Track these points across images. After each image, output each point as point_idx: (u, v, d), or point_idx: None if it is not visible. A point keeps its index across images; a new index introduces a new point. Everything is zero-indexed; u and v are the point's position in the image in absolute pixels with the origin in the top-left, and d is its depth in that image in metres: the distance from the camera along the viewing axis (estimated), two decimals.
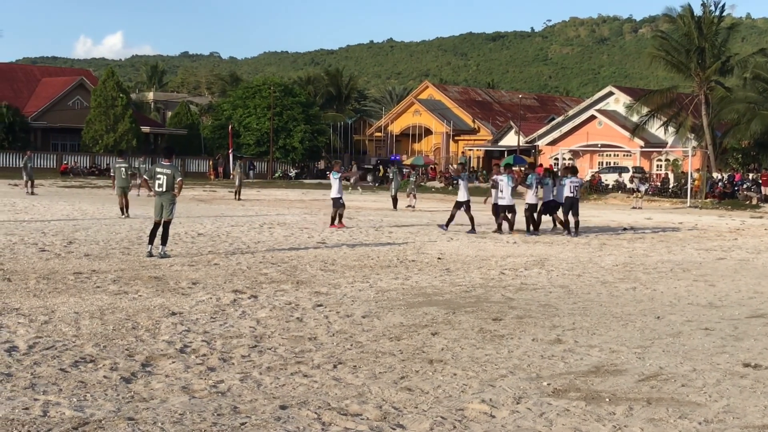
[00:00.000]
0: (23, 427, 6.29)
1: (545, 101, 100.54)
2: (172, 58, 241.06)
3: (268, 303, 11.96)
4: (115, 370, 8.04)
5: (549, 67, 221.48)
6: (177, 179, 16.90)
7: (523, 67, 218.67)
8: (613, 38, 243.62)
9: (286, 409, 6.98)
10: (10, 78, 77.50)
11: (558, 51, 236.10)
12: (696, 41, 56.21)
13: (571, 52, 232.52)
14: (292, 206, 36.29)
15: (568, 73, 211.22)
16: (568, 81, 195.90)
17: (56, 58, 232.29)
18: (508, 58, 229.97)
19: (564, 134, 72.47)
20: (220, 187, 54.50)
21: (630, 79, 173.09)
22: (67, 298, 11.81)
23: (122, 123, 70.40)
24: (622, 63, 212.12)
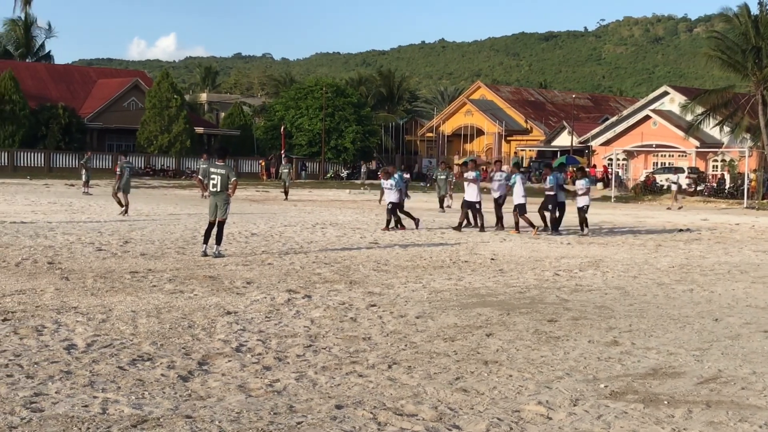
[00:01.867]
0: (83, 425, 6.36)
1: (599, 101, 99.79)
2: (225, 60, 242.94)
3: (322, 303, 11.98)
4: (172, 368, 8.11)
5: (602, 67, 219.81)
6: (231, 179, 17.00)
7: (576, 67, 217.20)
8: (668, 37, 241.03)
9: (341, 409, 6.98)
10: (67, 79, 78.60)
11: (612, 50, 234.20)
12: (753, 40, 55.32)
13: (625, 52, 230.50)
14: (344, 207, 36.37)
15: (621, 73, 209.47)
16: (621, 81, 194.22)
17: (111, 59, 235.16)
18: (561, 57, 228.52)
19: (618, 134, 71.84)
20: (272, 187, 54.75)
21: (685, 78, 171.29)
22: (124, 296, 11.93)
23: (176, 124, 71.09)
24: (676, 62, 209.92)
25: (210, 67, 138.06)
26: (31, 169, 64.89)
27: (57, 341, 9.04)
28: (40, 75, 77.47)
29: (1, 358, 8.20)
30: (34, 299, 11.47)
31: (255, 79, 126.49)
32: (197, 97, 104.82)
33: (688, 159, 66.67)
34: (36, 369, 7.89)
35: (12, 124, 66.70)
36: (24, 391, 7.14)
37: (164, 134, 70.99)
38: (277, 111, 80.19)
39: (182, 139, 71.23)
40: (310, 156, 77.41)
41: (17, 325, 9.77)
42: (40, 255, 16.09)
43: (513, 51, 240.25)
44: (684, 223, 30.53)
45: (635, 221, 31.22)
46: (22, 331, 9.43)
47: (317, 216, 29.39)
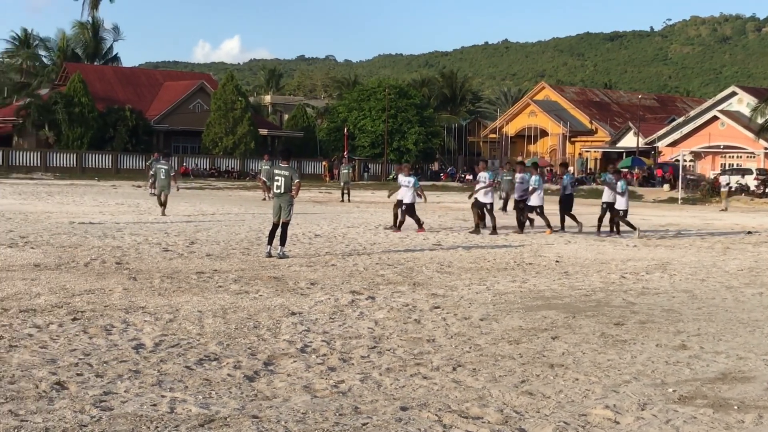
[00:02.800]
0: (151, 423, 6.44)
1: (665, 102, 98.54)
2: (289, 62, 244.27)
3: (386, 304, 11.99)
4: (238, 368, 8.17)
5: (669, 67, 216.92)
6: (294, 181, 17.09)
7: (642, 67, 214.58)
8: (736, 37, 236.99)
9: (406, 411, 6.98)
10: (134, 82, 79.74)
11: (678, 50, 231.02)
12: None
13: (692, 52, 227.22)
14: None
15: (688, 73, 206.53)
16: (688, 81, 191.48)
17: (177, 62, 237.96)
18: (626, 58, 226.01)
19: (685, 135, 70.88)
20: (335, 188, 54.93)
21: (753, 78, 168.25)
22: (190, 297, 12.06)
23: (241, 126, 71.73)
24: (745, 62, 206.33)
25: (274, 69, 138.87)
26: (99, 170, 65.95)
27: (125, 341, 9.17)
28: (108, 78, 78.69)
29: (72, 357, 8.34)
30: (103, 299, 11.65)
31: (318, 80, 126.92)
32: (261, 99, 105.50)
33: (757, 160, 65.50)
34: (105, 368, 8.01)
35: (81, 126, 67.83)
36: (94, 390, 7.25)
37: (229, 136, 71.65)
38: (340, 113, 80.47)
39: (246, 141, 71.83)
40: (372, 157, 77.57)
41: (87, 324, 9.93)
42: (109, 255, 16.34)
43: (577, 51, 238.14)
44: (753, 225, 30.00)
45: (702, 223, 30.76)
46: (91, 331, 9.58)
47: (380, 217, 29.42)
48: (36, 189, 42.93)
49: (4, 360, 8.14)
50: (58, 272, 13.95)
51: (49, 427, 6.26)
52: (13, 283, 12.67)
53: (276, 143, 77.06)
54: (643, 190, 59.28)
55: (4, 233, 19.63)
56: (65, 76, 76.18)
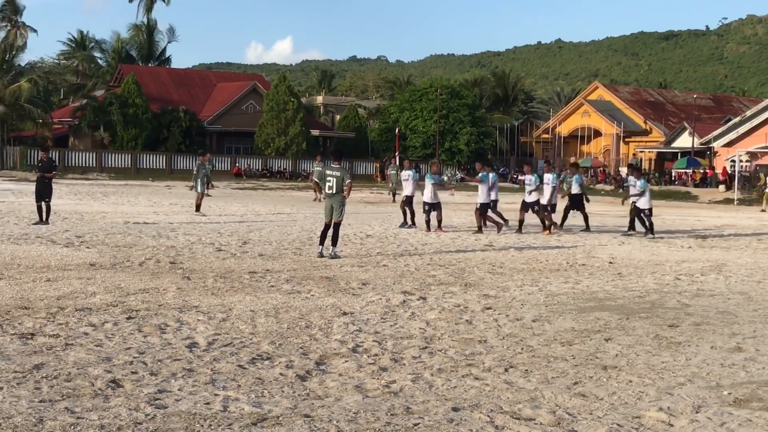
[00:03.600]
0: (205, 421, 6.50)
1: (721, 101, 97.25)
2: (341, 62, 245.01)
3: (437, 305, 11.98)
4: (290, 367, 8.21)
5: (725, 67, 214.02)
6: (346, 181, 17.13)
7: (698, 67, 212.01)
8: None
9: (458, 411, 6.97)
10: (188, 83, 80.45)
11: (734, 50, 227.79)
12: None
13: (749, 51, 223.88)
14: (458, 209, 36.27)
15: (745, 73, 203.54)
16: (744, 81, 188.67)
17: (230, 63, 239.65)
18: (681, 57, 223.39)
19: (741, 135, 69.80)
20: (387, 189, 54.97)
21: None
22: (243, 296, 12.14)
23: (293, 126, 72.05)
24: None
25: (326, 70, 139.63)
26: (153, 171, 66.63)
27: (179, 339, 9.26)
28: (162, 79, 79.49)
29: (126, 355, 8.44)
30: (157, 298, 11.77)
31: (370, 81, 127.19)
32: (313, 99, 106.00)
33: None
34: (159, 366, 8.09)
35: (135, 127, 68.59)
36: (148, 388, 7.33)
37: (281, 136, 72.02)
38: (392, 113, 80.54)
39: (298, 142, 72.16)
40: (424, 158, 77.52)
41: (141, 323, 10.05)
42: (163, 255, 16.50)
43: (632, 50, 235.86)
44: None
45: (759, 224, 30.33)
46: (146, 329, 9.69)
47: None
48: (91, 189, 43.50)
49: (61, 358, 8.26)
50: (114, 271, 14.13)
51: (105, 425, 6.34)
52: (70, 282, 12.86)
53: (328, 144, 77.31)
54: (698, 191, 58.63)
55: (60, 233, 19.91)
56: (120, 77, 77.10)
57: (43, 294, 11.75)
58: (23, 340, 8.95)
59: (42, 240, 18.31)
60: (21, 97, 66.05)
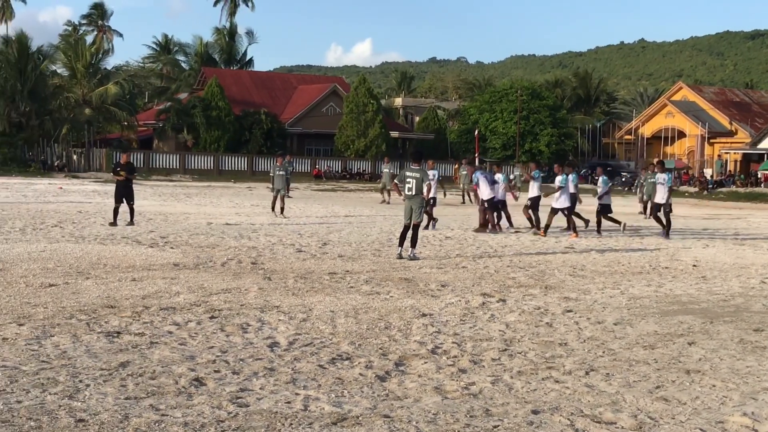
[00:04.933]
0: (286, 420, 6.57)
1: None
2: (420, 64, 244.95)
3: (517, 307, 11.93)
4: (370, 368, 8.26)
5: None
6: (425, 182, 17.15)
7: None
8: None
9: (538, 414, 6.93)
10: (269, 86, 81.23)
11: None
12: None
13: None
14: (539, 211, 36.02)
15: None
16: None
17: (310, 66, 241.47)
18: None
19: None
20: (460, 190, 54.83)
21: None
22: (323, 297, 12.24)
23: (372, 128, 72.28)
24: None
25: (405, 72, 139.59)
26: (235, 172, 67.41)
27: (261, 339, 9.37)
28: (244, 82, 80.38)
29: (210, 354, 8.58)
30: (239, 298, 11.93)
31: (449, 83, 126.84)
32: (392, 101, 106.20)
33: None
34: (241, 365, 8.20)
35: (217, 130, 69.49)
36: (230, 387, 7.44)
37: (360, 138, 72.30)
38: (471, 114, 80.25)
39: (378, 143, 72.35)
40: (504, 159, 77.09)
41: (224, 322, 10.19)
42: (244, 255, 16.71)
43: (717, 50, 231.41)
44: None
45: None
46: (228, 329, 9.83)
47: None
48: (175, 191, 44.21)
49: (146, 356, 8.43)
50: (197, 272, 14.35)
51: (188, 422, 6.45)
52: (154, 281, 13.10)
53: (407, 145, 77.38)
54: None
55: (145, 233, 20.29)
56: (203, 80, 78.20)
57: (129, 293, 11.99)
58: (109, 338, 9.15)
59: (127, 240, 18.68)
60: (107, 100, 67.46)
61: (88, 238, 18.93)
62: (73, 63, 69.85)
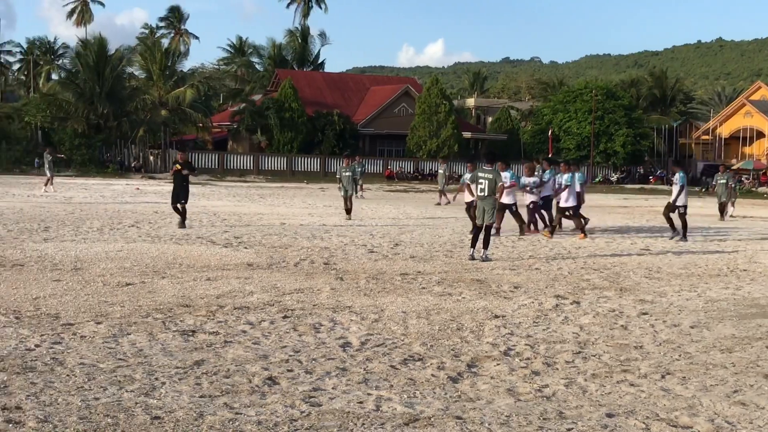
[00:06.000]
0: (358, 420, 6.59)
1: None
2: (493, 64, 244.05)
3: (591, 309, 11.80)
4: (442, 369, 8.24)
5: None
6: (498, 183, 17.06)
7: None
8: None
9: (612, 417, 6.85)
10: (342, 87, 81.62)
11: None
12: None
13: None
14: (613, 212, 35.66)
15: None
16: None
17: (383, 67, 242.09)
18: None
19: None
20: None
21: None
22: (394, 297, 12.25)
23: (445, 129, 72.18)
24: None
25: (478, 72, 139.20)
26: (308, 173, 67.87)
27: (333, 339, 9.41)
28: (317, 83, 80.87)
29: (283, 354, 8.64)
30: (312, 298, 12.00)
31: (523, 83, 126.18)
32: (465, 102, 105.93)
33: None
34: (314, 365, 8.24)
35: (291, 131, 70.03)
36: (303, 386, 7.48)
37: (433, 139, 72.23)
38: (545, 115, 79.71)
39: (450, 144, 72.21)
40: (578, 160, 76.40)
41: (296, 322, 10.26)
42: (317, 256, 16.80)
43: None
44: None
45: None
46: (301, 328, 9.89)
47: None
48: (249, 191, 44.66)
49: (220, 355, 8.52)
50: (270, 271, 14.47)
51: (262, 421, 6.50)
52: (228, 281, 13.24)
53: (479, 146, 77.12)
54: None
55: (219, 233, 20.52)
56: (277, 82, 78.86)
57: (204, 292, 12.13)
58: (185, 336, 9.27)
59: (202, 240, 18.91)
60: (183, 102, 68.44)
61: (164, 237, 19.21)
62: (150, 65, 71.03)
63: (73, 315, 10.21)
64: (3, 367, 7.74)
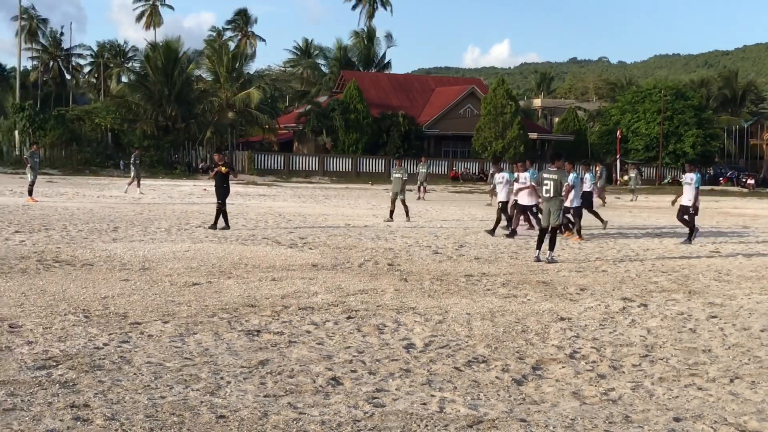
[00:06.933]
0: (421, 422, 6.57)
1: None
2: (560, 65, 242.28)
3: (659, 312, 11.64)
4: (506, 371, 8.18)
5: None
6: (564, 184, 16.92)
7: None
8: None
9: (679, 422, 6.74)
10: (407, 88, 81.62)
11: None
12: None
13: None
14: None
15: None
16: None
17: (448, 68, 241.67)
18: None
19: None
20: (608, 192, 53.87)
21: None
22: (459, 299, 12.20)
23: (510, 130, 71.80)
24: None
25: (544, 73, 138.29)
26: (372, 174, 67.97)
27: (397, 340, 9.40)
28: (382, 84, 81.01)
29: (346, 354, 8.65)
30: (376, 299, 12.01)
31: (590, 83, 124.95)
32: (531, 102, 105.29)
33: None
34: (377, 366, 8.24)
35: (356, 132, 70.24)
36: (366, 387, 7.49)
37: (498, 140, 71.89)
38: (613, 115, 78.91)
39: (516, 145, 71.79)
40: (646, 161, 75.51)
41: (360, 323, 10.27)
42: (381, 257, 16.81)
43: None
44: None
45: None
46: (364, 329, 9.90)
47: (653, 222, 28.58)
48: (314, 192, 44.89)
49: (284, 355, 8.56)
50: (334, 272, 14.52)
51: (326, 421, 6.52)
52: (293, 281, 13.31)
53: (546, 147, 76.58)
54: None
55: (285, 234, 20.65)
56: (342, 83, 79.14)
57: (269, 293, 12.21)
58: (250, 336, 9.33)
59: (268, 241, 19.04)
60: (250, 104, 69.06)
61: (230, 238, 19.38)
62: (217, 68, 71.83)
63: (140, 314, 10.35)
64: (72, 365, 7.87)
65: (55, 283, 12.42)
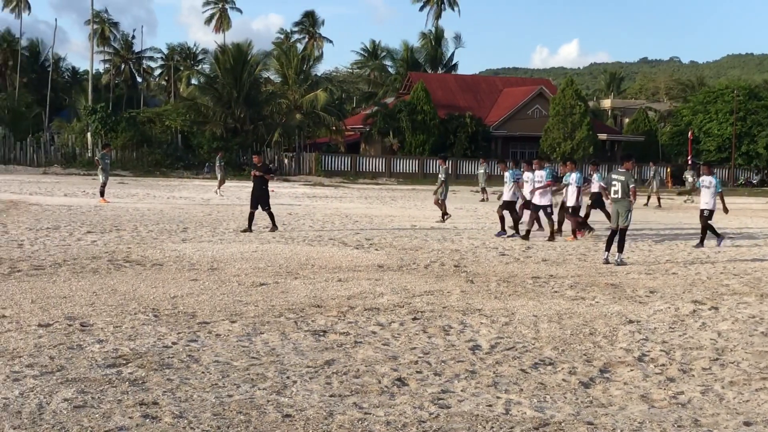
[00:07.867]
0: (487, 423, 6.54)
1: None
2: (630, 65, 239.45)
3: (730, 315, 11.44)
4: (573, 374, 8.11)
5: None
6: (631, 186, 16.71)
7: None
8: None
9: (750, 426, 6.63)
10: (474, 89, 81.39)
11: None
12: None
13: None
14: (754, 215, 34.54)
15: None
16: None
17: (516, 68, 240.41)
18: None
19: None
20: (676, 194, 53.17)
21: None
22: (525, 301, 12.13)
23: (579, 131, 71.14)
24: None
25: (615, 73, 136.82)
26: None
27: (462, 341, 9.37)
28: (449, 85, 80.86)
29: (412, 355, 8.65)
30: (442, 300, 11.99)
31: (661, 83, 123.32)
32: (600, 103, 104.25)
33: None
34: (443, 367, 8.23)
35: (423, 133, 70.20)
36: (432, 388, 7.48)
37: (567, 141, 71.30)
38: (684, 116, 77.76)
39: (585, 146, 71.12)
40: (719, 162, 74.26)
41: (426, 324, 10.26)
42: (447, 258, 16.78)
43: None
44: None
45: None
46: (430, 330, 9.89)
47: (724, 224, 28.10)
48: (380, 193, 44.97)
49: (350, 355, 8.59)
50: (400, 273, 14.52)
51: (391, 421, 6.52)
52: (359, 282, 13.34)
53: (615, 148, 75.78)
54: None
55: (351, 235, 20.72)
56: (409, 85, 79.14)
57: (335, 293, 12.26)
58: (316, 336, 9.38)
59: (334, 242, 19.12)
60: (317, 106, 69.41)
61: (297, 239, 19.50)
62: (285, 69, 72.32)
63: (209, 314, 10.46)
64: (141, 363, 7.98)
65: (126, 282, 12.62)
